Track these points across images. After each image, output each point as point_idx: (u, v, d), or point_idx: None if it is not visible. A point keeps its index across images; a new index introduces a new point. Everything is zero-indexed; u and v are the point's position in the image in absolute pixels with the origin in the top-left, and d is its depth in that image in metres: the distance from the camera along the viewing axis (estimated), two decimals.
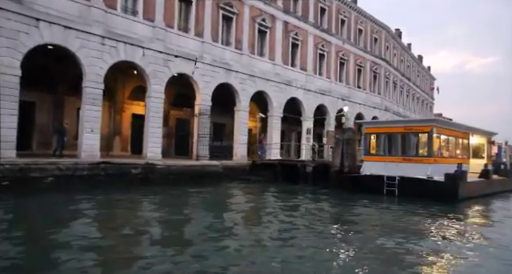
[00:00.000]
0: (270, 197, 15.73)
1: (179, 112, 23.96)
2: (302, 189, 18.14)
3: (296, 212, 11.84)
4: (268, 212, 11.71)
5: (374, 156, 17.17)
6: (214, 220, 9.93)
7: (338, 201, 14.80)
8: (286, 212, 11.72)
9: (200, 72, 20.05)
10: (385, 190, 15.98)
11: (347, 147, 18.09)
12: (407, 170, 15.79)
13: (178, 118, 23.78)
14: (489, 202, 16.15)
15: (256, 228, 9.24)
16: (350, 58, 33.09)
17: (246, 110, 23.10)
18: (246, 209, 12.44)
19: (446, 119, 16.85)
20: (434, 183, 14.91)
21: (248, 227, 9.53)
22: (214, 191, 15.71)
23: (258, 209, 12.51)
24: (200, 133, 20.12)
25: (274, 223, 9.73)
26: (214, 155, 23.78)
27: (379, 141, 17.30)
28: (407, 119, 17.11)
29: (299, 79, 27.35)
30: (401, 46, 44.72)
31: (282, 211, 12.09)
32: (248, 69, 23.01)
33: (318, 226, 9.72)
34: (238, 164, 21.44)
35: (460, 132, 17.96)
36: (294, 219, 10.52)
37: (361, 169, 17.38)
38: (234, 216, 10.69)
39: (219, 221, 9.88)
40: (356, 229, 9.54)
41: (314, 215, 11.39)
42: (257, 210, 12.39)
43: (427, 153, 15.66)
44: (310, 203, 14.13)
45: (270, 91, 24.82)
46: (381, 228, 9.78)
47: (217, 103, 23.98)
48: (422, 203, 13.98)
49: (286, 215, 11.01)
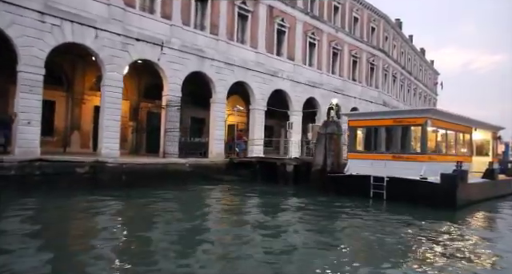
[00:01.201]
0: (232, 203, 13.46)
1: (151, 104, 21.77)
2: (279, 191, 15.91)
3: (246, 227, 9.38)
4: (211, 228, 9.47)
5: (360, 153, 14.88)
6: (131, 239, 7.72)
7: (313, 207, 12.51)
8: (237, 226, 9.50)
9: (167, 59, 17.83)
10: (371, 192, 13.73)
11: (330, 142, 15.80)
12: (397, 169, 13.53)
13: (149, 111, 21.59)
14: (494, 208, 13.79)
15: (191, 255, 6.93)
16: (344, 48, 30.70)
17: (223, 102, 20.87)
18: (185, 221, 10.07)
19: (444, 111, 14.40)
20: (428, 185, 12.63)
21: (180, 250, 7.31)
22: (170, 195, 13.48)
23: (203, 222, 9.96)
24: (168, 127, 17.92)
25: (212, 246, 7.43)
26: (190, 152, 21.73)
27: (365, 136, 15.00)
28: (397, 110, 14.62)
29: (286, 70, 25.05)
30: (401, 37, 42.19)
31: (232, 223, 9.87)
32: (225, 57, 20.76)
33: (270, 250, 7.44)
34: (212, 163, 19.24)
35: (461, 125, 15.60)
36: (241, 238, 8.21)
37: (345, 168, 15.11)
38: (158, 236, 7.83)
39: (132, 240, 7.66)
40: (319, 254, 7.24)
41: (269, 230, 8.96)
42: (198, 225, 9.67)
43: (420, 149, 13.35)
44: (273, 213, 11.65)
45: (252, 82, 22.56)
46: (353, 254, 7.43)
47: (195, 96, 21.87)
48: (413, 210, 11.71)
49: (232, 233, 8.78)
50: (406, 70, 44.18)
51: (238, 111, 22.33)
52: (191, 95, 23.56)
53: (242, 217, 10.44)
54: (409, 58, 45.74)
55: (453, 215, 11.39)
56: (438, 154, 14.00)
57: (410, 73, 45.52)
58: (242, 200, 13.84)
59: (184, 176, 16.41)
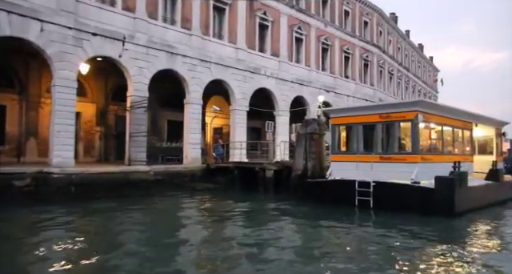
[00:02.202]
0: (192, 217, 11.59)
1: (120, 107, 20.02)
2: (255, 201, 14.08)
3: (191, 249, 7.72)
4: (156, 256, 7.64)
5: (343, 155, 13.01)
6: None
7: (288, 220, 10.65)
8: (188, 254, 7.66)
9: (131, 55, 16.09)
10: (356, 200, 11.85)
11: (310, 143, 13.95)
12: (385, 172, 11.65)
13: (118, 114, 19.83)
14: (500, 215, 11.85)
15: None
16: (334, 44, 28.88)
17: (199, 102, 19.07)
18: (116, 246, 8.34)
19: (437, 103, 12.48)
20: (420, 191, 10.75)
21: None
22: (124, 209, 11.64)
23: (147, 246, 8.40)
24: (133, 132, 16.13)
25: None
26: (167, 158, 20.09)
27: (349, 134, 13.14)
28: (382, 103, 12.75)
29: (270, 67, 23.26)
30: (397, 32, 40.34)
31: (181, 245, 8.04)
32: (200, 53, 19.01)
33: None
34: (186, 169, 17.42)
35: (459, 121, 13.71)
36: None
37: (327, 172, 13.24)
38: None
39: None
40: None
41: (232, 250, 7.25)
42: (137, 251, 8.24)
43: (412, 149, 11.46)
44: (233, 231, 9.85)
45: (231, 80, 20.78)
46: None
47: (173, 97, 20.19)
48: (403, 221, 9.86)
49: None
50: (404, 66, 42.28)
51: (215, 112, 20.40)
52: (168, 96, 21.90)
53: (194, 238, 8.61)
54: (406, 54, 43.85)
55: (450, 227, 9.48)
56: (433, 153, 12.11)
57: (407, 69, 43.62)
58: (205, 213, 11.99)
59: (148, 186, 14.59)
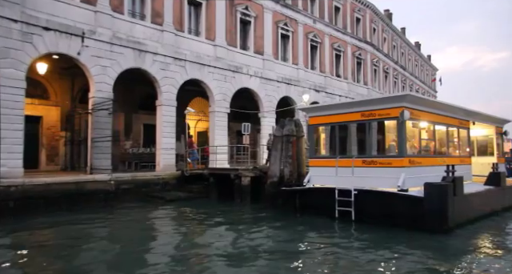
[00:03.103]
0: (141, 237, 10.04)
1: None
2: (226, 212, 12.54)
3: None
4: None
5: (323, 159, 11.44)
6: None
7: (254, 236, 9.10)
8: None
9: (92, 53, 14.62)
10: (336, 211, 10.29)
11: (287, 147, 12.42)
12: (369, 179, 10.11)
13: (87, 119, 18.31)
14: (503, 228, 10.24)
15: None
16: (324, 41, 27.40)
17: (173, 104, 17.57)
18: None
19: (426, 98, 10.94)
20: (407, 200, 9.19)
21: None
22: (68, 226, 10.10)
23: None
24: (95, 136, 14.63)
25: None
26: (142, 165, 18.65)
27: (328, 136, 11.58)
28: (365, 99, 11.19)
29: (253, 65, 21.78)
30: (392, 29, 38.87)
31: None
32: (173, 51, 17.55)
33: None
34: (157, 177, 15.90)
35: (454, 118, 12.14)
36: None
37: (305, 179, 11.67)
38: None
39: None
40: None
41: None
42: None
43: (398, 151, 9.90)
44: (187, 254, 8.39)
45: (210, 80, 19.30)
46: None
47: (148, 99, 18.76)
48: (388, 238, 8.32)
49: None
50: (400, 65, 40.77)
51: (191, 114, 18.82)
52: (144, 98, 20.47)
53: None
54: (402, 53, 42.36)
55: (441, 248, 7.87)
56: (423, 156, 10.54)
57: (404, 68, 42.09)
58: (158, 229, 10.40)
59: (108, 197, 13.05)
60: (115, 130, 19.83)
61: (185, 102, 22.94)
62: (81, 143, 17.69)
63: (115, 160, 19.73)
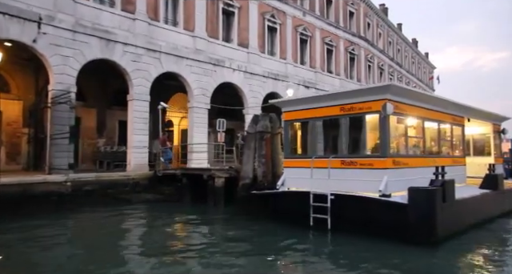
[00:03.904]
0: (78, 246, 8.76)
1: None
2: (195, 217, 11.32)
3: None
4: None
5: (298, 159, 10.15)
6: None
7: (206, 251, 7.83)
8: None
9: (50, 41, 13.31)
10: (311, 218, 9.02)
11: (260, 145, 11.15)
12: (348, 182, 8.83)
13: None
14: (500, 238, 8.95)
15: None
16: (314, 35, 26.11)
17: (145, 98, 16.27)
18: None
19: (413, 89, 9.61)
20: (390, 208, 7.93)
21: None
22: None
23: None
24: (54, 133, 13.33)
25: None
26: (115, 164, 17.37)
27: (305, 133, 10.30)
28: (345, 90, 9.84)
29: (237, 59, 20.49)
30: (387, 24, 37.59)
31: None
32: (147, 41, 16.25)
33: None
34: (126, 177, 14.61)
35: (447, 114, 10.87)
36: None
37: (279, 181, 10.39)
38: None
39: None
40: None
41: None
42: None
43: (380, 150, 8.62)
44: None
45: (188, 74, 18.00)
46: None
47: (124, 94, 17.41)
48: (367, 254, 7.08)
49: None
50: (396, 61, 39.50)
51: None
52: (119, 93, 19.14)
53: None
54: (398, 49, 41.10)
55: (425, 265, 6.60)
56: (410, 156, 9.26)
57: (400, 65, 40.83)
58: (107, 238, 9.11)
59: (63, 200, 11.73)
60: (87, 127, 18.60)
61: (165, 98, 21.58)
62: (44, 140, 16.38)
63: (86, 159, 18.51)
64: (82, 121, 18.03)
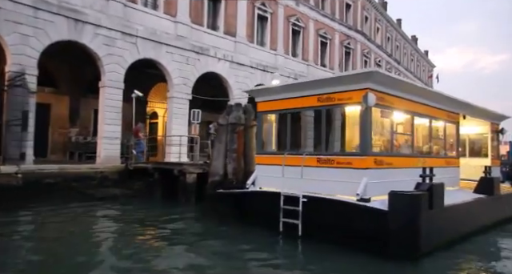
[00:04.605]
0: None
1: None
2: (153, 217, 10.20)
3: None
4: None
5: (271, 155, 9.02)
6: None
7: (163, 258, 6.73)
8: None
9: (6, 16, 12.03)
10: (280, 223, 7.92)
11: (232, 138, 10.02)
12: (323, 183, 7.73)
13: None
14: (496, 254, 7.86)
15: None
16: (308, 26, 24.89)
17: (119, 86, 15.08)
18: None
19: (401, 79, 8.44)
20: (367, 214, 6.82)
21: None
22: None
23: None
24: (10, 119, 12.15)
25: None
26: (87, 156, 16.28)
27: (278, 126, 9.16)
28: (323, 78, 8.63)
29: (223, 48, 19.30)
30: (386, 19, 36.37)
31: None
32: (122, 24, 15.04)
33: None
34: (93, 170, 13.47)
35: (440, 110, 9.75)
36: None
37: (249, 180, 9.27)
38: None
39: None
40: None
41: None
42: None
43: (360, 147, 7.49)
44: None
45: (168, 61, 16.82)
46: None
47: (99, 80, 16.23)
48: (337, 269, 5.98)
49: None
50: (394, 58, 38.32)
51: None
52: (96, 81, 17.94)
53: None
54: (397, 46, 39.89)
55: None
56: (396, 155, 8.13)
57: (398, 62, 39.65)
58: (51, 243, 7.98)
59: (11, 195, 10.57)
60: (58, 115, 17.43)
61: (146, 88, 20.52)
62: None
63: (56, 150, 17.38)
64: (52, 108, 16.86)
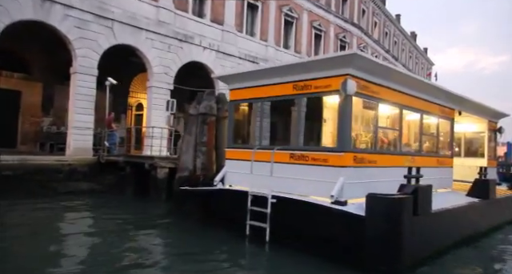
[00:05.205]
0: None
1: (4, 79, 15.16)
2: (113, 216, 9.26)
3: None
4: None
5: (241, 149, 8.07)
6: None
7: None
8: None
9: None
10: (247, 226, 7.00)
11: (202, 130, 9.07)
12: (296, 182, 6.80)
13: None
14: (489, 266, 6.95)
15: None
16: (301, 17, 23.85)
17: (91, 72, 14.05)
18: None
19: (388, 65, 7.44)
20: (342, 220, 5.89)
21: None
22: None
23: None
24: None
25: None
26: (59, 147, 15.33)
27: (252, 116, 8.21)
28: (299, 62, 7.60)
29: (209, 36, 18.26)
30: (384, 13, 35.33)
31: None
32: (95, 5, 13.99)
33: None
34: (59, 163, 12.51)
35: (433, 104, 8.80)
36: None
37: (217, 177, 8.33)
38: None
39: None
40: None
41: None
42: None
43: (337, 142, 6.54)
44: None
45: (148, 48, 15.78)
46: None
47: None
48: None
49: None
50: (391, 54, 37.32)
51: (111, 86, 14.84)
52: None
53: None
54: (395, 41, 38.88)
55: None
56: (379, 152, 7.19)
57: (396, 58, 38.64)
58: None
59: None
60: (30, 103, 16.40)
61: (128, 77, 19.51)
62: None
63: (27, 140, 16.37)
64: (23, 96, 15.83)
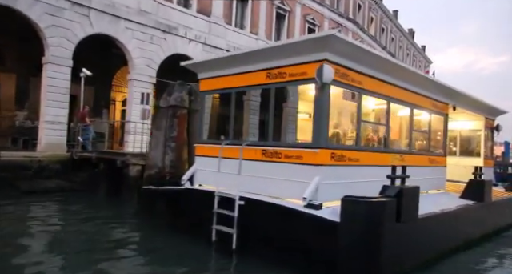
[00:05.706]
0: None
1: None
2: (92, 216, 8.49)
3: None
4: None
5: (211, 145, 7.28)
6: None
7: None
8: None
9: None
10: (213, 231, 6.23)
11: (172, 124, 8.28)
12: (267, 181, 6.04)
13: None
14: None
15: None
16: (294, 10, 23.05)
17: (65, 63, 13.27)
18: None
19: (376, 52, 6.63)
20: (315, 226, 5.12)
21: None
22: None
23: None
24: None
25: None
26: (33, 142, 14.59)
27: (222, 109, 7.43)
28: (272, 45, 6.78)
29: (195, 28, 17.46)
30: (381, 9, 34.53)
31: None
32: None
33: None
34: (28, 159, 11.76)
35: (424, 97, 8.03)
36: None
37: (185, 175, 7.55)
38: None
39: None
40: None
41: None
42: None
43: (312, 138, 5.76)
44: None
45: (128, 39, 14.98)
46: None
47: None
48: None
49: None
50: (388, 51, 36.52)
51: (85, 77, 14.03)
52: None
53: None
54: (392, 38, 38.11)
55: None
56: (361, 149, 6.42)
57: (393, 56, 37.82)
58: None
59: None
60: (3, 96, 15.56)
61: (111, 70, 18.67)
62: None
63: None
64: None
